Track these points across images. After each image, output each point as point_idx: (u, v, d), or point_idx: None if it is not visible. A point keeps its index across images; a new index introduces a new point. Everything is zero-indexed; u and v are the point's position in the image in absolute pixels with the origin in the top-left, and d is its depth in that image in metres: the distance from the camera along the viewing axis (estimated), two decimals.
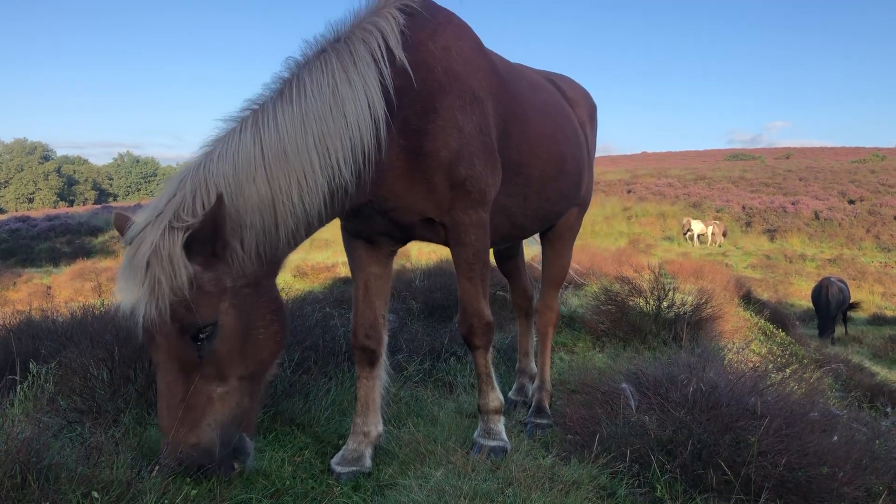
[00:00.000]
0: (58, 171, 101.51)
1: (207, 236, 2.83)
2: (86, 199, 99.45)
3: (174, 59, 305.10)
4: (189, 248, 2.81)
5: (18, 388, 4.03)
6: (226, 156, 2.99)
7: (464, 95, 3.56)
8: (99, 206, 65.21)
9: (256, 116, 3.10)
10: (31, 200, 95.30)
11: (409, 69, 3.35)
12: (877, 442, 4.20)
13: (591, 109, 5.34)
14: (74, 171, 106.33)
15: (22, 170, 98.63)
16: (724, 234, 34.86)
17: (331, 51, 3.27)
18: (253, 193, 2.99)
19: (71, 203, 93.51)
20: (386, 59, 3.29)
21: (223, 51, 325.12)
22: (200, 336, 2.85)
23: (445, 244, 3.82)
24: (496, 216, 3.90)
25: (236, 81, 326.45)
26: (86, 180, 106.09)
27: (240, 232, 2.97)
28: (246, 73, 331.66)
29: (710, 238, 34.29)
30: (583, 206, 5.17)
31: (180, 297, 2.77)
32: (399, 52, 3.33)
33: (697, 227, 34.32)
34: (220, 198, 2.81)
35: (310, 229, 3.26)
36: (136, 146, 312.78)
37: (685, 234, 34.33)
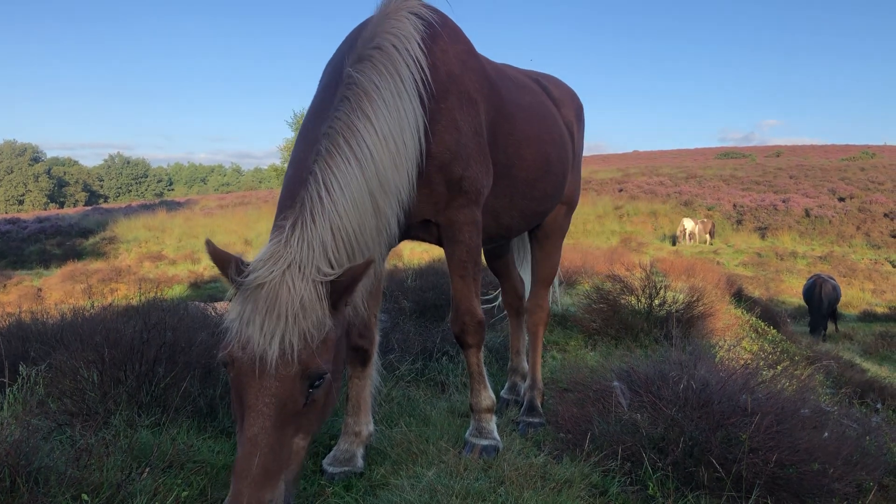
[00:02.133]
0: (48, 172, 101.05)
1: (344, 289, 2.82)
2: (76, 200, 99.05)
3: (164, 60, 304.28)
4: (328, 297, 2.79)
5: (8, 390, 4.02)
6: (343, 192, 2.96)
7: (461, 97, 3.62)
8: (89, 207, 65.09)
9: (347, 140, 3.06)
10: (21, 202, 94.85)
11: (429, 76, 3.40)
12: (867, 438, 4.22)
13: (578, 109, 5.35)
14: (65, 173, 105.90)
15: (12, 171, 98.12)
16: (711, 234, 34.88)
17: (377, 61, 3.27)
18: (368, 230, 3.04)
19: (61, 205, 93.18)
20: (417, 68, 3.36)
21: (213, 51, 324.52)
22: (315, 384, 2.75)
23: (438, 243, 3.84)
24: (484, 216, 3.92)
25: (226, 82, 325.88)
26: (76, 182, 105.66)
27: None
28: (235, 74, 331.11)
29: (697, 236, 34.34)
30: (570, 205, 5.18)
31: (311, 342, 2.70)
32: (424, 62, 3.39)
33: (689, 224, 34.40)
34: (370, 262, 2.86)
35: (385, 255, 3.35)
36: (127, 147, 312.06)
37: (682, 236, 34.20)
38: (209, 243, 2.88)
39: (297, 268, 2.75)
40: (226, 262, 2.81)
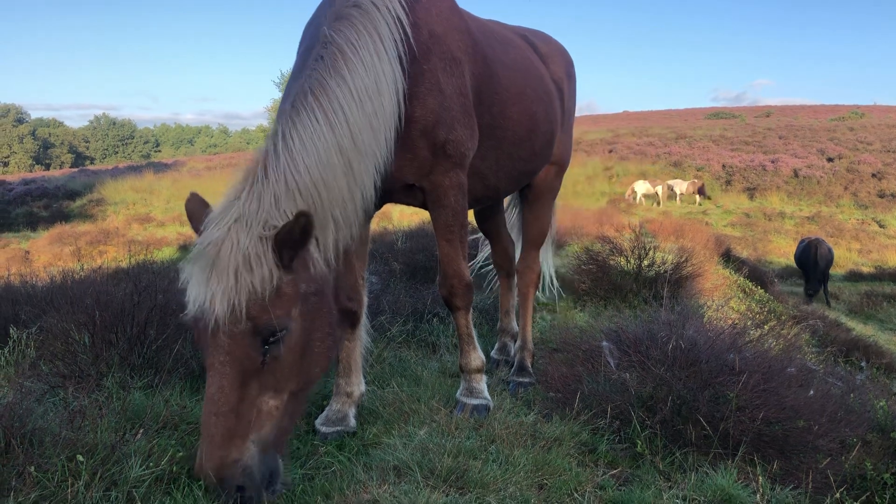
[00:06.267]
0: (32, 133, 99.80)
1: (295, 241, 2.73)
2: (62, 162, 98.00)
3: (149, 19, 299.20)
4: (275, 251, 2.73)
5: None
6: (306, 148, 2.90)
7: (444, 57, 3.55)
8: (76, 169, 64.37)
9: (318, 98, 3.01)
10: (5, 164, 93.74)
11: (411, 36, 3.34)
12: (851, 396, 4.30)
13: (568, 66, 5.23)
14: (50, 134, 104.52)
15: None
16: (702, 193, 34.79)
17: (355, 19, 3.21)
18: (336, 189, 2.97)
19: (47, 166, 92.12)
20: (398, 27, 3.29)
21: (198, 10, 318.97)
22: (270, 340, 2.71)
23: (424, 207, 3.82)
24: (469, 178, 3.89)
25: (212, 41, 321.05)
26: (62, 143, 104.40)
27: (321, 231, 2.91)
28: (222, 33, 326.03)
29: (660, 197, 33.94)
30: (560, 166, 5.13)
31: (259, 297, 2.66)
32: (405, 21, 3.33)
33: (641, 187, 33.99)
34: (306, 214, 2.69)
35: (363, 219, 3.28)
36: (113, 108, 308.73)
37: (631, 198, 33.77)
38: (192, 195, 2.95)
39: (243, 222, 2.72)
40: (198, 209, 2.89)
